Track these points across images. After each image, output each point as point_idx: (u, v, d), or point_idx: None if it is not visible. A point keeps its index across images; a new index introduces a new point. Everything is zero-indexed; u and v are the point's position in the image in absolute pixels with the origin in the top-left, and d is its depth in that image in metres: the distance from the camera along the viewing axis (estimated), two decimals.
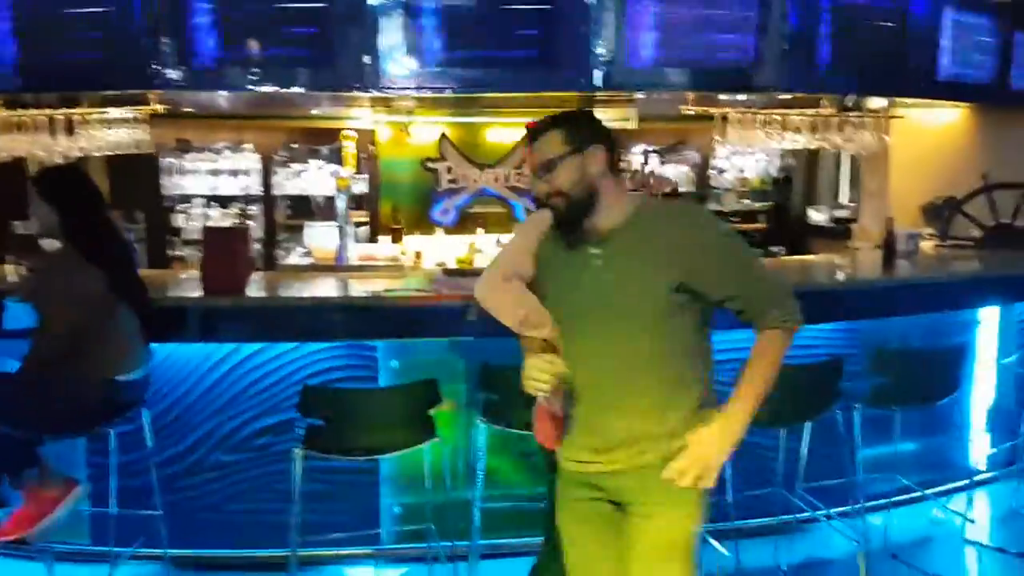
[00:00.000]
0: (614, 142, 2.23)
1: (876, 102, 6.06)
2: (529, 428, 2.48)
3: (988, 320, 4.65)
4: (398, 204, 6.90)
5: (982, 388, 4.66)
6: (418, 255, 6.20)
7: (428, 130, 6.61)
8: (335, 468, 3.53)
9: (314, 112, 6.41)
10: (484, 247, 6.23)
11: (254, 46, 4.47)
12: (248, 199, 6.85)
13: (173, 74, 4.24)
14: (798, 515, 3.86)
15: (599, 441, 2.18)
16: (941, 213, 5.96)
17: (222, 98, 5.28)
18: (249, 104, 5.77)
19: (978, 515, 4.26)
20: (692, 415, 2.13)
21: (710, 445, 2.10)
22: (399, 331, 3.72)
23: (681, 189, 7.25)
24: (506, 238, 6.35)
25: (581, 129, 2.18)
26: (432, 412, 3.20)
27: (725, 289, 2.12)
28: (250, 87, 4.47)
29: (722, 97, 5.66)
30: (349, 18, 4.52)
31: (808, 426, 3.58)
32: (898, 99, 5.97)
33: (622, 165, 2.73)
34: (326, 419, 3.13)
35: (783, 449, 3.72)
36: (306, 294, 3.99)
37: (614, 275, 2.15)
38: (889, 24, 5.27)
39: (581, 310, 2.20)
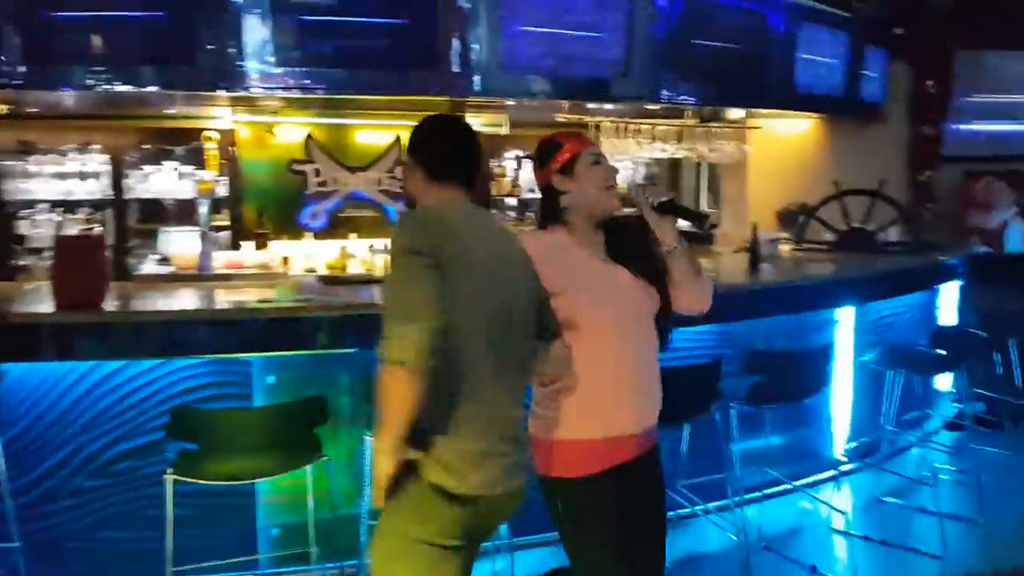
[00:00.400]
0: (434, 154, 2.21)
1: (735, 113, 6.33)
2: None
3: (845, 319, 4.92)
4: (262, 208, 6.62)
5: (842, 384, 4.93)
6: (286, 260, 5.98)
7: (294, 131, 6.39)
8: (208, 491, 3.32)
9: (169, 111, 6.08)
10: (357, 252, 6.08)
11: (98, 43, 4.23)
12: (97, 204, 6.40)
13: (20, 71, 3.92)
14: (679, 511, 3.96)
15: None
16: (796, 218, 6.29)
17: (69, 97, 4.92)
18: (98, 104, 5.41)
19: (843, 504, 4.51)
20: None
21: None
22: (275, 344, 3.54)
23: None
24: (379, 243, 6.24)
25: (411, 141, 2.26)
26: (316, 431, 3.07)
27: None
28: (104, 86, 4.21)
29: (593, 106, 5.76)
30: (210, 14, 4.33)
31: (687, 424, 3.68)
32: (755, 110, 6.26)
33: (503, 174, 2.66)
34: (199, 443, 2.95)
35: (665, 448, 3.79)
36: (170, 306, 3.75)
37: None
38: (749, 39, 5.52)
39: None
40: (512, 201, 7.36)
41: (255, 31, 4.41)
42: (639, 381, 2.40)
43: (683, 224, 2.55)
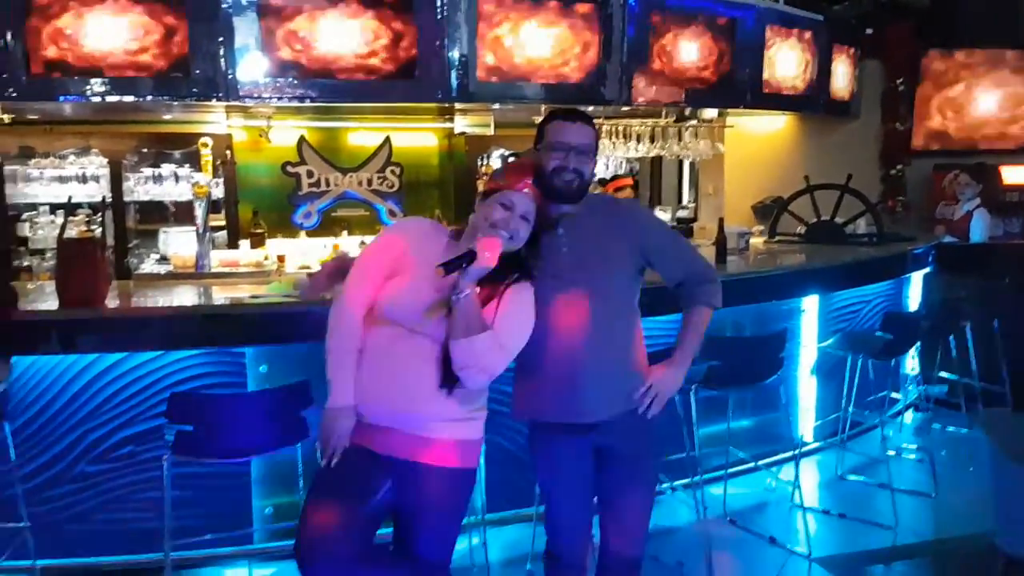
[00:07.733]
0: None
1: (709, 112, 6.56)
2: None
3: (810, 308, 5.16)
4: (258, 208, 6.85)
5: (806, 368, 5.17)
6: (281, 259, 6.21)
7: (287, 133, 6.62)
8: (204, 474, 3.61)
9: (165, 117, 6.31)
10: (348, 249, 6.30)
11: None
12: (95, 206, 6.64)
13: (21, 79, 4.17)
14: None
15: None
16: (769, 212, 6.53)
17: (68, 104, 5.17)
18: (96, 110, 5.65)
19: (805, 482, 4.72)
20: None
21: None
22: (267, 336, 3.78)
23: None
24: (371, 240, 6.44)
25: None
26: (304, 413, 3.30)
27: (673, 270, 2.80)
28: (100, 97, 4.46)
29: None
30: (204, 25, 4.57)
31: None
32: (729, 109, 6.50)
33: None
34: (195, 424, 3.18)
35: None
36: (169, 302, 3.98)
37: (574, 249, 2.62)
38: (719, 41, 5.76)
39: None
40: None
41: (248, 41, 4.66)
42: (388, 374, 2.47)
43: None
